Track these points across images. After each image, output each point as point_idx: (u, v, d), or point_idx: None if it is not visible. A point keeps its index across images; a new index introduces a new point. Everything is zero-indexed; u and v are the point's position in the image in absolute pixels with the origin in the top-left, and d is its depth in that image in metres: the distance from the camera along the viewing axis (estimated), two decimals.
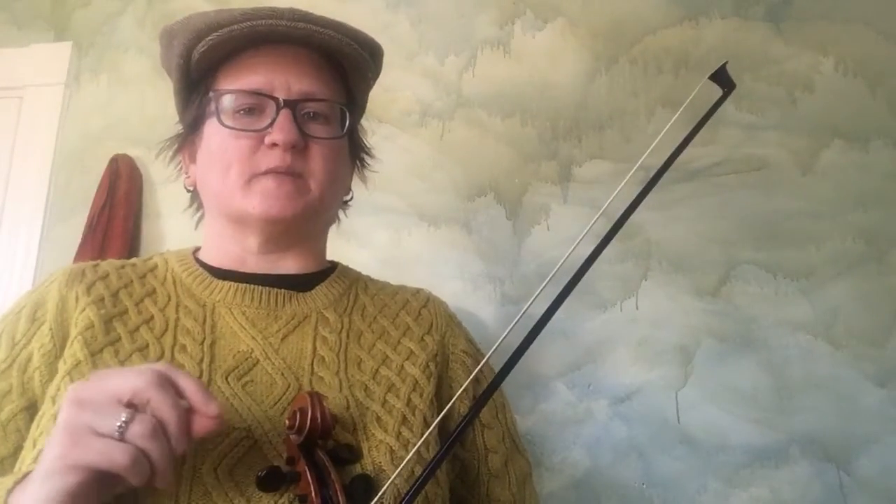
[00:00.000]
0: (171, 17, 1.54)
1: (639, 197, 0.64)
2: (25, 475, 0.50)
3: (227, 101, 0.71)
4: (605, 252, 1.20)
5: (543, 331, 0.62)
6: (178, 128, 0.81)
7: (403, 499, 0.50)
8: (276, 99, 0.70)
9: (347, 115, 0.76)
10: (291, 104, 0.70)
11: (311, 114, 0.73)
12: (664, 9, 1.30)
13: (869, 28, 1.20)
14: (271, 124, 0.70)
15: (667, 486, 1.08)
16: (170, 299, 0.71)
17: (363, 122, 0.88)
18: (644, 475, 1.09)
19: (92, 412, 0.47)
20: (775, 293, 1.13)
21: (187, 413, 0.50)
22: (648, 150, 0.66)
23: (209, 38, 0.70)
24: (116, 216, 1.39)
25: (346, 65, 0.77)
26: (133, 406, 0.47)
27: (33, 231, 1.48)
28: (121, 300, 0.70)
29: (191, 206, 0.84)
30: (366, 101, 0.86)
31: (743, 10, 1.26)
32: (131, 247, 1.39)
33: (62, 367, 0.63)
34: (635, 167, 0.66)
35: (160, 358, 0.65)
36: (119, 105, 1.54)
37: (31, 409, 0.63)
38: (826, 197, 1.15)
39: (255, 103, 0.71)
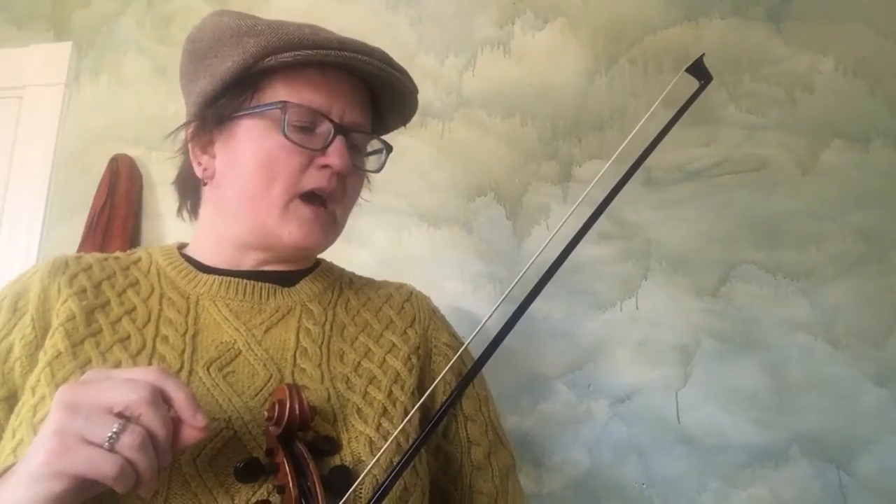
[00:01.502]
0: (171, 17, 1.55)
1: (618, 184, 0.65)
2: (6, 469, 0.50)
3: (291, 113, 0.70)
4: (605, 252, 1.21)
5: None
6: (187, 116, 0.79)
7: (381, 487, 0.51)
8: (335, 123, 0.71)
9: (386, 154, 0.79)
10: (345, 131, 0.72)
11: (353, 145, 0.75)
12: (664, 9, 1.30)
13: (869, 28, 1.20)
14: (326, 147, 0.71)
15: (667, 486, 1.08)
16: (153, 290, 0.72)
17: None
18: (644, 475, 1.09)
19: (83, 419, 0.46)
20: (775, 293, 1.13)
21: (175, 424, 0.50)
22: (623, 144, 0.67)
23: (299, 52, 0.69)
24: (116, 216, 1.39)
25: (386, 107, 0.80)
26: (124, 416, 0.48)
27: (33, 231, 1.49)
28: (103, 291, 0.70)
29: (179, 192, 0.82)
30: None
31: (743, 10, 1.26)
32: (131, 247, 1.39)
33: (43, 357, 0.63)
34: (610, 160, 0.66)
35: (142, 349, 0.65)
36: (119, 105, 1.54)
37: (11, 400, 0.63)
38: (826, 197, 1.15)
39: (312, 121, 0.71)
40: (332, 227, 0.74)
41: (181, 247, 0.80)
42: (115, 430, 0.46)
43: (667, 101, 1.25)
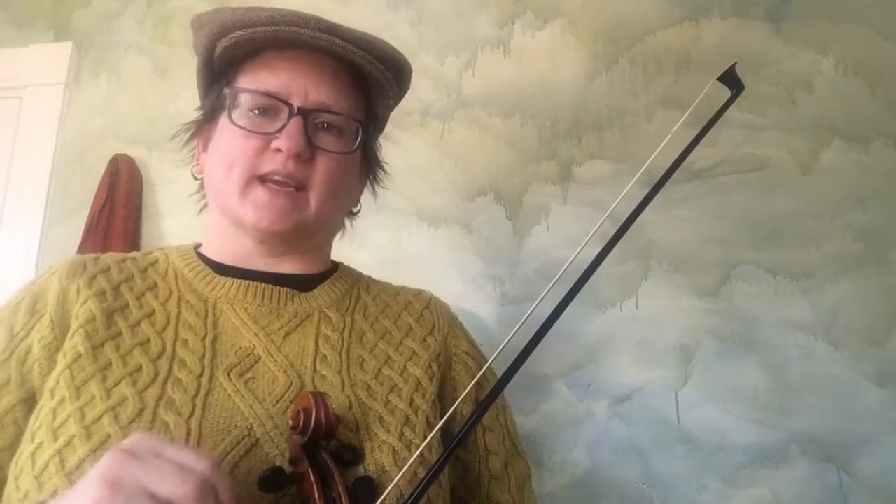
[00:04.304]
0: (171, 17, 1.55)
1: (645, 199, 0.64)
2: None
3: (243, 99, 0.71)
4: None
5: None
6: (197, 114, 0.81)
7: (406, 501, 0.50)
8: (289, 105, 0.70)
9: (361, 131, 0.75)
10: (305, 112, 0.70)
11: (325, 125, 0.72)
12: (664, 9, 1.30)
13: (869, 28, 1.20)
14: (281, 129, 0.69)
15: (667, 486, 1.08)
16: (171, 294, 0.71)
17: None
18: (644, 475, 1.09)
19: (124, 502, 0.43)
20: (775, 293, 1.13)
21: None
22: (656, 152, 0.66)
23: (232, 34, 0.70)
24: (116, 216, 1.39)
25: (369, 83, 0.77)
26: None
27: (33, 231, 1.48)
28: (122, 294, 0.69)
29: (198, 192, 0.83)
30: (387, 118, 0.86)
31: (743, 10, 1.26)
32: (131, 247, 1.39)
33: (62, 359, 0.63)
34: (643, 168, 0.66)
35: (162, 353, 0.65)
36: (119, 105, 1.54)
37: (29, 402, 0.63)
38: (826, 197, 1.15)
39: (270, 105, 0.71)
40: (297, 209, 0.71)
41: (197, 246, 0.80)
42: None
43: (667, 102, 1.25)
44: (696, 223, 1.18)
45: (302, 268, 0.77)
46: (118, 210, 1.39)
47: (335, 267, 0.83)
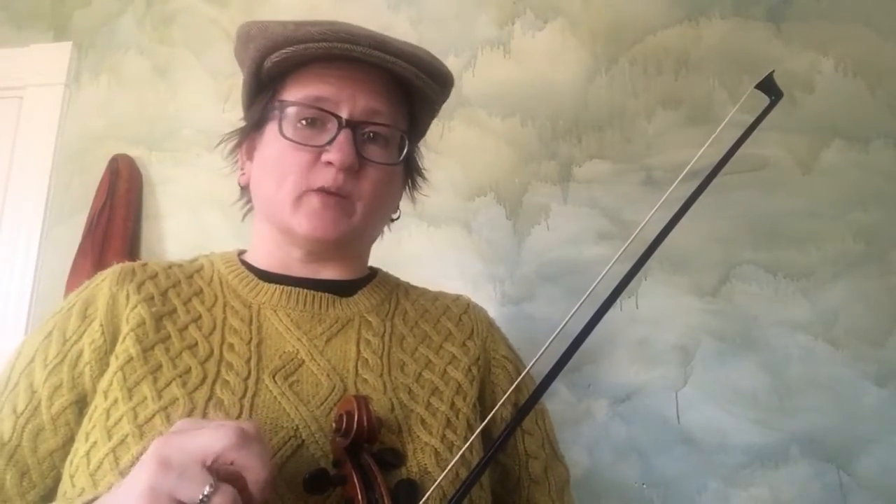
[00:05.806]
0: (171, 17, 1.55)
1: (678, 213, 0.64)
2: (90, 502, 0.50)
3: (291, 110, 0.72)
4: (605, 252, 1.21)
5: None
6: (240, 124, 0.81)
7: (451, 500, 0.50)
8: (338, 117, 0.71)
9: (407, 143, 0.77)
10: (353, 125, 0.71)
11: (372, 135, 0.74)
12: (664, 9, 1.30)
13: (869, 28, 1.20)
14: (331, 142, 0.70)
15: (667, 486, 1.08)
16: (216, 299, 0.73)
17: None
18: (644, 475, 1.09)
19: (177, 477, 0.45)
20: (775, 293, 1.13)
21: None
22: (696, 157, 0.66)
23: (284, 50, 0.71)
24: (116, 216, 1.39)
25: (414, 93, 0.78)
26: (216, 470, 0.47)
27: (33, 231, 1.48)
28: (169, 299, 0.71)
29: (240, 199, 0.85)
30: (428, 125, 0.88)
31: (743, 10, 1.26)
32: (131, 247, 1.39)
33: (114, 362, 0.65)
34: (679, 179, 0.66)
35: (210, 356, 0.66)
36: (119, 105, 1.54)
37: (80, 403, 0.65)
38: (826, 197, 1.15)
39: (318, 116, 0.72)
40: (346, 216, 0.73)
41: (241, 253, 0.82)
42: (206, 491, 0.45)
43: (667, 102, 1.25)
44: (696, 223, 1.18)
45: (342, 274, 0.79)
46: (118, 210, 1.39)
47: (374, 272, 0.85)
